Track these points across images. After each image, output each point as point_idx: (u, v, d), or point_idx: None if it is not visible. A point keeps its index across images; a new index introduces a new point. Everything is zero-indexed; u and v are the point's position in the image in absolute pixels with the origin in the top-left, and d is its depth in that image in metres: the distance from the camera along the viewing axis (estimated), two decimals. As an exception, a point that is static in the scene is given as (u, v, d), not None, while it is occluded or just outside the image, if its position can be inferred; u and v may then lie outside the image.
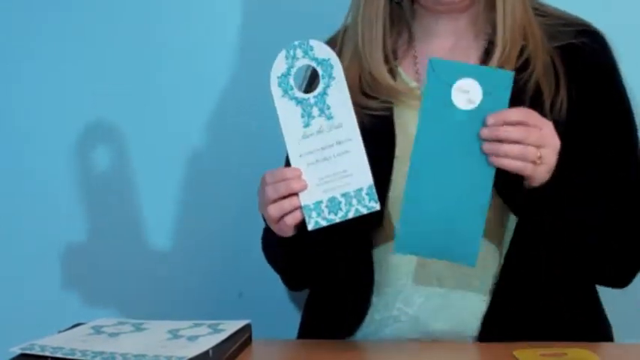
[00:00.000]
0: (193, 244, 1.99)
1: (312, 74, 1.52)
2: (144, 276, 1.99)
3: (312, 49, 1.44)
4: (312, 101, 1.44)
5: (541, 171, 1.41)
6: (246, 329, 1.52)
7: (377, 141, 1.45)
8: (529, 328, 1.51)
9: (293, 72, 1.44)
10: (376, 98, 1.56)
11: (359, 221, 1.48)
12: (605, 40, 1.59)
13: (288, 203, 1.44)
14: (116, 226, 1.99)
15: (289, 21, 1.91)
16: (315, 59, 1.44)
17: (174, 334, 1.50)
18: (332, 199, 1.44)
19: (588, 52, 1.56)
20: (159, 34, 1.96)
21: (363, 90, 1.56)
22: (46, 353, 1.42)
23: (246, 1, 1.96)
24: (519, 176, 1.41)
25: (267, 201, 1.45)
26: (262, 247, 1.67)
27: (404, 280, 1.54)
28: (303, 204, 1.44)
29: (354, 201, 1.43)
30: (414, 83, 1.59)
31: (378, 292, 1.56)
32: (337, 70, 1.44)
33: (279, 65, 1.44)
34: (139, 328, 1.54)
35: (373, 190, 1.43)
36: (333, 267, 1.59)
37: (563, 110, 1.52)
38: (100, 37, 1.97)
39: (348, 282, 1.58)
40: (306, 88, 1.50)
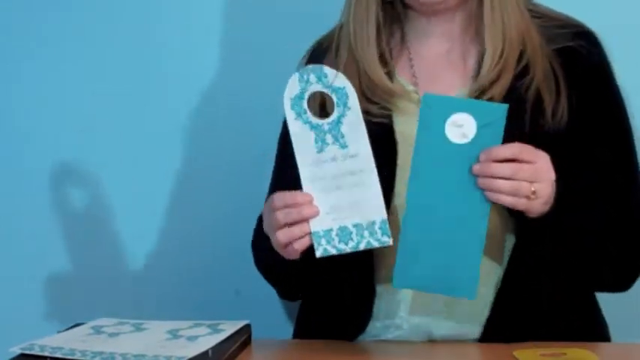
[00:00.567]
0: (193, 243, 1.98)
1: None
2: (143, 276, 1.99)
3: (325, 76, 1.39)
4: (326, 128, 1.40)
5: (536, 205, 1.41)
6: (246, 329, 1.52)
7: (378, 150, 1.41)
8: (529, 330, 1.50)
9: (306, 96, 1.40)
10: (376, 103, 1.54)
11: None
12: (600, 41, 1.59)
13: (298, 229, 1.40)
14: (115, 225, 1.99)
15: (287, 21, 1.91)
16: (330, 87, 1.39)
17: (173, 334, 1.50)
18: (343, 229, 1.40)
19: (586, 55, 1.55)
20: (159, 34, 1.96)
21: (364, 92, 1.54)
22: (46, 353, 1.42)
23: (246, 2, 1.96)
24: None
25: (276, 226, 1.41)
26: (254, 251, 1.64)
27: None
28: (312, 230, 1.40)
29: (366, 233, 1.39)
30: (410, 87, 1.58)
31: (380, 301, 1.54)
32: (352, 99, 1.39)
33: (293, 87, 1.40)
34: (138, 328, 1.54)
35: (386, 225, 1.39)
36: (332, 277, 1.56)
37: (565, 117, 1.52)
38: (100, 37, 1.97)
39: (348, 291, 1.55)
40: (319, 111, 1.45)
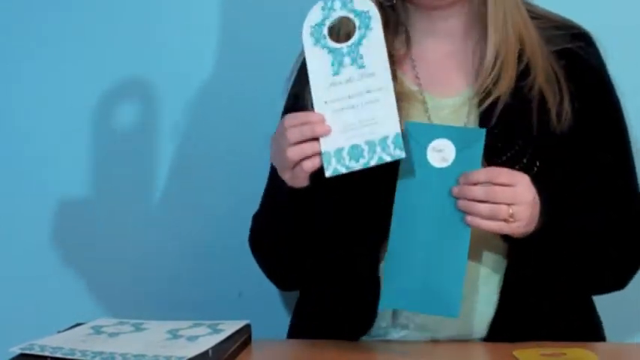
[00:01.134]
0: (193, 243, 1.98)
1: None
2: (143, 276, 1.99)
3: (351, 2, 1.40)
4: (345, 50, 1.40)
5: (515, 227, 1.42)
6: (246, 329, 1.52)
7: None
8: (532, 330, 1.50)
9: (328, 23, 1.40)
10: None
11: (368, 231, 1.48)
12: (596, 42, 1.60)
13: (309, 146, 1.39)
14: (116, 225, 1.99)
15: (285, 20, 1.91)
16: (354, 11, 1.40)
17: (173, 334, 1.50)
18: (354, 147, 1.38)
19: (585, 57, 1.56)
20: (159, 34, 1.96)
21: None
22: (46, 353, 1.42)
23: (245, 2, 1.96)
24: None
25: (287, 143, 1.40)
26: (254, 235, 1.63)
27: None
28: (323, 150, 1.39)
29: (378, 149, 1.38)
30: (414, 87, 1.58)
31: None
32: (375, 21, 1.39)
33: (314, 15, 1.41)
34: (138, 328, 1.54)
35: (400, 138, 1.38)
36: (334, 267, 1.56)
37: (569, 119, 1.52)
38: (100, 37, 1.97)
39: (353, 291, 1.55)
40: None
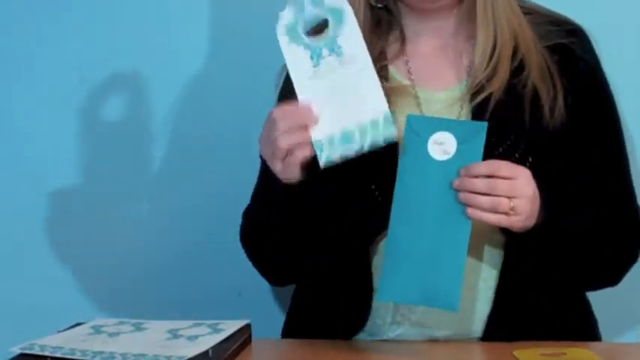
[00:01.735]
0: (193, 243, 1.99)
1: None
2: (143, 276, 1.99)
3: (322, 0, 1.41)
4: (322, 43, 1.41)
5: (516, 221, 1.42)
6: (246, 329, 1.52)
7: (378, 149, 1.41)
8: (529, 328, 1.51)
9: (301, 20, 1.41)
10: None
11: (360, 226, 1.47)
12: (590, 38, 1.60)
13: (299, 135, 1.39)
14: (116, 225, 1.99)
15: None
16: (325, 8, 1.41)
17: (173, 334, 1.50)
18: (345, 132, 1.39)
19: (579, 53, 1.56)
20: (159, 34, 1.96)
21: None
22: (46, 353, 1.42)
23: (244, 2, 1.96)
24: None
25: (277, 132, 1.40)
26: (245, 231, 1.63)
27: None
28: (313, 139, 1.39)
29: (370, 131, 1.39)
30: (406, 81, 1.58)
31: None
32: (348, 14, 1.41)
33: (287, 15, 1.42)
34: (138, 328, 1.54)
35: (390, 118, 1.39)
36: (327, 262, 1.56)
37: (562, 115, 1.52)
38: (100, 37, 1.97)
39: (345, 287, 1.55)
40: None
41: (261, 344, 1.53)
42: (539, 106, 1.52)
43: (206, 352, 1.41)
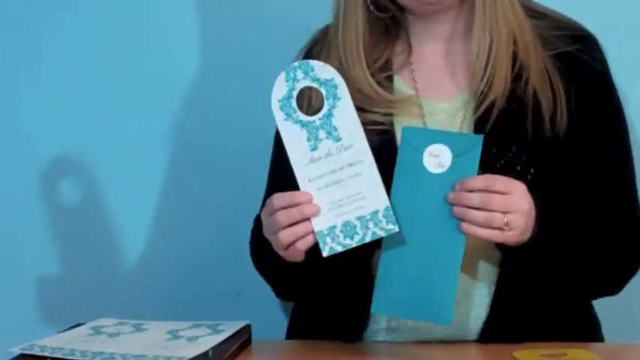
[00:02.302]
0: (193, 243, 1.98)
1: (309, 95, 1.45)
2: (143, 276, 1.99)
3: (312, 70, 1.38)
4: (318, 123, 1.38)
5: (510, 236, 1.41)
6: (246, 330, 1.52)
7: (381, 158, 1.41)
8: (527, 330, 1.50)
9: (295, 94, 1.39)
10: (377, 112, 1.53)
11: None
12: (600, 45, 1.58)
13: (301, 228, 1.39)
14: (116, 226, 1.99)
15: (282, 18, 1.91)
16: (317, 80, 1.38)
17: (173, 335, 1.50)
18: (347, 223, 1.38)
19: (587, 61, 1.55)
20: (158, 34, 1.96)
21: (362, 107, 1.49)
22: (46, 353, 1.42)
23: (244, 2, 1.96)
24: None
25: (277, 227, 1.40)
26: (252, 254, 1.64)
27: None
28: (316, 230, 1.38)
29: (371, 224, 1.38)
30: (411, 91, 1.57)
31: None
32: (341, 89, 1.38)
33: (280, 88, 1.39)
34: (138, 329, 1.54)
35: (390, 211, 1.38)
36: (330, 280, 1.55)
37: (564, 123, 1.52)
38: (100, 37, 1.97)
39: (345, 293, 1.55)
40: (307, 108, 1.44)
41: (261, 345, 1.53)
42: (541, 114, 1.51)
43: (206, 353, 1.41)
